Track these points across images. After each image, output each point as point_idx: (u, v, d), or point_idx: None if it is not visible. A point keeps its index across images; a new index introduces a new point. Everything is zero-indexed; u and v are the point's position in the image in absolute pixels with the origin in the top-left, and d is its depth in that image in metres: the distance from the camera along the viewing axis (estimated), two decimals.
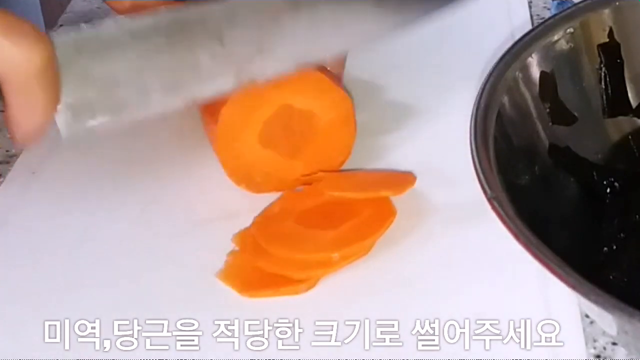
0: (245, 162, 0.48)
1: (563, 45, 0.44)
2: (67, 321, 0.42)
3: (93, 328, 0.42)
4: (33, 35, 0.39)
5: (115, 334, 0.41)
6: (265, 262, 0.44)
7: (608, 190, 0.44)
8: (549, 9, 0.63)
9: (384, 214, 0.46)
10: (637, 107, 0.46)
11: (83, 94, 0.42)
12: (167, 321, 0.42)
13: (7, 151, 0.54)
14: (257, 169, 0.48)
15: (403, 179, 0.48)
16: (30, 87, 0.39)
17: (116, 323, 0.42)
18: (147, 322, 0.42)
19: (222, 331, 0.41)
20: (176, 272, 0.45)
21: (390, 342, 0.40)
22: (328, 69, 0.50)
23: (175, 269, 0.45)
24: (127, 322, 0.42)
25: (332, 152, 0.49)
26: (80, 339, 0.41)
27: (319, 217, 0.46)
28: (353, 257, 0.44)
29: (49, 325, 0.42)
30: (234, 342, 0.41)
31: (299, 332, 0.41)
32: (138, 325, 0.42)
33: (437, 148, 0.51)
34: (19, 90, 0.39)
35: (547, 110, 0.43)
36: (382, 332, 0.40)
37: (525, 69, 0.42)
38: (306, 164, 0.49)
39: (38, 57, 0.39)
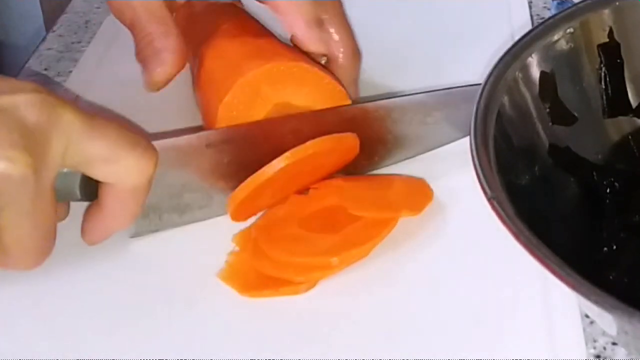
0: None
1: (563, 45, 0.44)
2: (66, 322, 0.42)
3: (92, 327, 0.42)
4: (145, 146, 0.40)
5: (115, 333, 0.42)
6: (264, 265, 0.43)
7: (608, 190, 0.44)
8: (549, 9, 0.63)
9: (385, 218, 0.45)
10: (637, 107, 0.46)
11: (155, 196, 0.44)
12: (167, 321, 0.42)
13: None
14: None
15: (420, 193, 0.47)
16: (136, 194, 0.41)
17: (116, 323, 0.42)
18: (147, 321, 0.42)
19: (222, 331, 0.41)
20: (176, 272, 0.45)
21: (390, 342, 0.40)
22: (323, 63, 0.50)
23: (175, 269, 0.45)
24: (127, 322, 0.42)
25: None
26: (79, 339, 0.41)
27: (321, 220, 0.45)
28: (352, 260, 0.44)
29: (49, 325, 0.42)
30: (234, 342, 0.41)
31: (299, 332, 0.41)
32: (138, 325, 0.42)
33: (437, 149, 0.50)
34: (124, 198, 0.41)
35: (547, 110, 0.43)
36: (382, 332, 0.40)
37: (525, 69, 0.42)
38: None
39: (151, 167, 0.40)
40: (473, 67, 0.53)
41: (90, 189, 0.41)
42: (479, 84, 0.40)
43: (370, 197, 0.47)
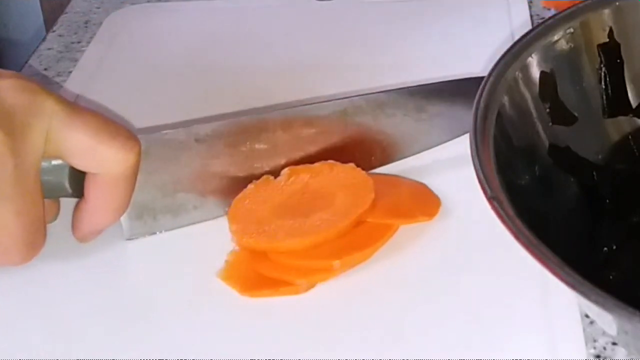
0: None
1: (563, 45, 0.44)
2: (65, 324, 0.42)
3: (92, 327, 0.42)
4: (126, 136, 0.40)
5: (115, 334, 0.42)
6: (265, 267, 0.43)
7: (608, 190, 0.44)
8: (549, 9, 0.63)
9: (390, 223, 0.45)
10: (637, 107, 0.46)
11: (147, 195, 0.44)
12: (167, 321, 0.42)
13: None
14: None
15: (427, 197, 0.47)
16: (119, 185, 0.41)
17: (116, 323, 0.42)
18: (147, 322, 0.42)
19: (222, 331, 0.41)
20: (176, 272, 0.45)
21: (390, 342, 0.40)
22: None
23: (175, 269, 0.45)
24: (127, 322, 0.42)
25: None
26: (79, 340, 0.41)
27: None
28: (354, 263, 0.43)
29: (48, 326, 0.42)
30: (234, 342, 0.41)
31: (299, 332, 0.41)
32: (138, 325, 0.42)
33: (437, 149, 0.50)
34: (107, 189, 0.41)
35: (547, 110, 0.43)
36: (382, 332, 0.40)
37: (525, 69, 0.42)
38: None
39: (132, 157, 0.40)
40: (473, 67, 0.53)
41: (80, 183, 0.41)
42: (473, 77, 0.40)
43: (384, 203, 0.46)
